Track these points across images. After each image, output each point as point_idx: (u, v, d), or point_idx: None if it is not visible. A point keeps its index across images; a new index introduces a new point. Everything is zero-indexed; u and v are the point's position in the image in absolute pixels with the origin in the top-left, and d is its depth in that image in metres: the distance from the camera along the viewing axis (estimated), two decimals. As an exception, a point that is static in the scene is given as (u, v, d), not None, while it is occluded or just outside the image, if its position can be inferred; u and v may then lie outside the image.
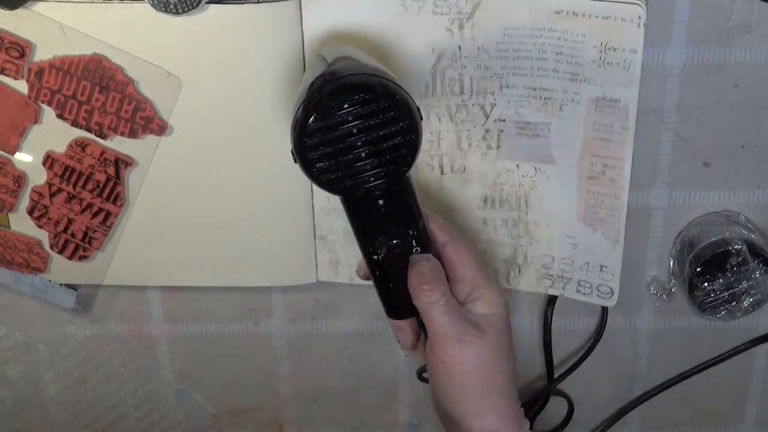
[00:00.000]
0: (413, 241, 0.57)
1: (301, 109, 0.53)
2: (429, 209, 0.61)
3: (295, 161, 0.54)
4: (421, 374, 0.75)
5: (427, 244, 0.59)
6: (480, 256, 0.59)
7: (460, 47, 0.64)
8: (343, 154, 0.53)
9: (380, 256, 0.58)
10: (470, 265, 0.59)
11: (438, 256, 0.60)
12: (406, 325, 0.61)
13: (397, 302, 0.59)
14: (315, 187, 0.68)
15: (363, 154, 0.53)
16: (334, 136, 0.52)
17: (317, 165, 0.53)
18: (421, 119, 0.53)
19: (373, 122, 0.52)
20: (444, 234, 0.60)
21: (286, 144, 0.68)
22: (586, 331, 0.76)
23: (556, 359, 0.77)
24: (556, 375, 0.77)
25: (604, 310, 0.73)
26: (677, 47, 0.65)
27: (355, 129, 0.52)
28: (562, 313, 0.75)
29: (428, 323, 0.58)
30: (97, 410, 0.81)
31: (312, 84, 0.53)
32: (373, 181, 0.54)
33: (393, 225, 0.57)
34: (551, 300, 0.74)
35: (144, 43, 0.65)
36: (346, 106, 0.52)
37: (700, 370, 0.76)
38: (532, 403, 0.78)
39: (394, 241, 0.57)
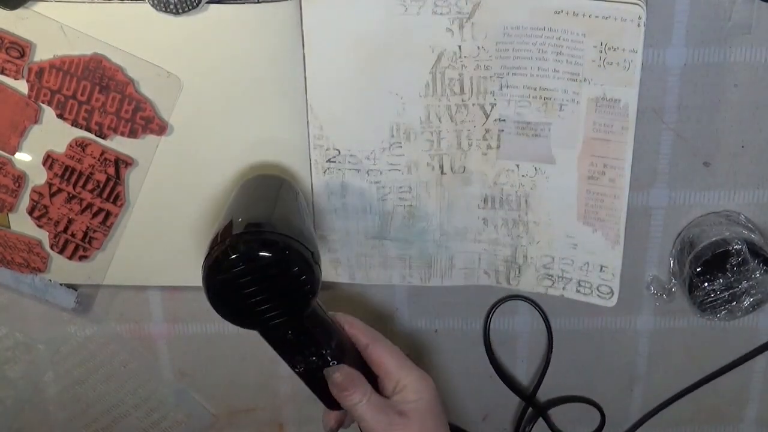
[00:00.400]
0: (328, 357, 0.62)
1: (206, 262, 0.57)
2: (369, 331, 0.66)
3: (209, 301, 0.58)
4: None
5: (345, 353, 0.64)
6: (399, 350, 0.66)
7: (460, 47, 0.64)
8: (246, 299, 0.57)
9: (300, 370, 0.63)
10: (392, 360, 0.65)
11: (362, 357, 0.65)
12: (331, 413, 0.67)
13: (328, 399, 0.64)
14: (315, 187, 0.69)
15: (262, 300, 0.57)
16: (235, 286, 0.57)
17: (223, 308, 0.58)
18: (317, 263, 0.58)
19: (270, 273, 0.57)
20: (364, 337, 0.65)
21: (285, 144, 0.68)
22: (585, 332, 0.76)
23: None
24: (527, 383, 0.78)
25: (543, 314, 0.75)
26: (677, 47, 0.65)
27: (254, 280, 0.57)
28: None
29: (357, 421, 0.63)
30: (97, 410, 0.81)
31: (218, 238, 0.58)
32: (277, 320, 0.58)
33: (306, 348, 0.62)
34: (496, 303, 0.75)
35: (144, 43, 0.65)
36: (241, 264, 0.56)
37: (706, 380, 0.76)
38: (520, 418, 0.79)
39: (311, 358, 0.62)
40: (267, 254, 0.56)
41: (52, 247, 0.72)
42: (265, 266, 0.56)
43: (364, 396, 0.62)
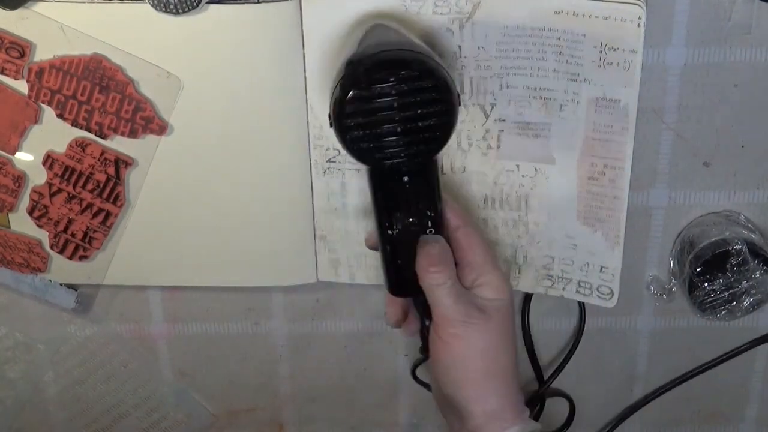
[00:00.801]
0: (428, 222, 0.58)
1: (344, 75, 0.53)
2: (460, 214, 0.62)
3: (331, 125, 0.54)
4: (415, 373, 0.76)
5: (442, 228, 0.60)
6: (489, 243, 0.61)
7: (460, 47, 0.64)
8: (378, 126, 0.54)
9: (394, 232, 0.59)
10: (479, 251, 0.60)
11: (449, 241, 0.60)
12: (397, 302, 0.63)
13: (401, 280, 0.60)
14: (315, 187, 0.69)
15: (397, 130, 0.54)
16: (371, 108, 0.53)
17: (351, 133, 0.54)
18: (460, 104, 0.54)
19: (411, 100, 0.53)
20: (457, 219, 0.61)
21: (285, 144, 0.68)
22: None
23: (545, 359, 0.77)
24: (545, 376, 0.77)
25: (582, 310, 0.74)
26: (677, 47, 0.65)
27: (394, 104, 0.53)
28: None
29: (433, 305, 0.59)
30: (97, 410, 0.81)
31: (357, 52, 0.54)
32: (403, 158, 0.55)
33: (413, 203, 0.58)
34: (527, 297, 0.74)
35: (144, 43, 0.65)
36: (390, 79, 0.53)
37: (700, 372, 0.76)
38: (529, 406, 0.79)
39: (411, 219, 0.58)
40: (415, 74, 0.53)
41: (52, 247, 0.72)
42: (410, 91, 0.52)
43: (449, 279, 0.58)
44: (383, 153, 0.55)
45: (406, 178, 0.57)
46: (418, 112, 0.53)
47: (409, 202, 0.58)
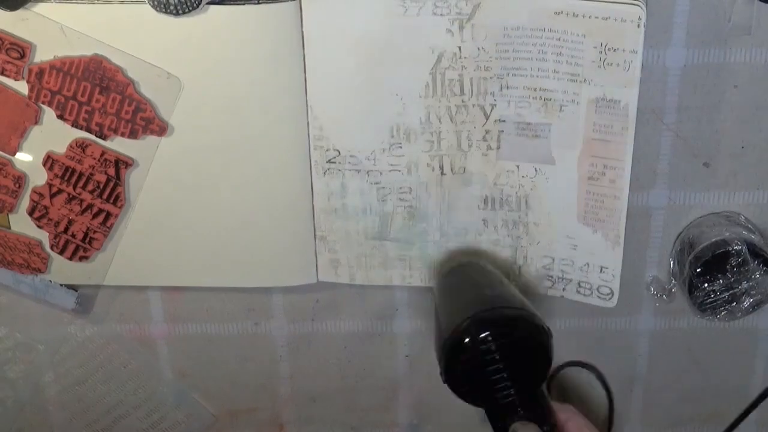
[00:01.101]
0: None
1: (452, 336, 0.60)
2: (564, 407, 0.64)
3: (444, 382, 0.61)
4: None
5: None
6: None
7: (460, 48, 0.64)
8: (486, 376, 0.60)
9: None
10: None
11: None
12: None
13: None
14: (315, 187, 0.69)
15: (503, 375, 0.60)
16: (478, 362, 0.59)
17: (464, 387, 0.60)
18: (551, 337, 0.60)
19: (512, 350, 0.59)
20: (563, 414, 0.63)
21: (285, 144, 0.68)
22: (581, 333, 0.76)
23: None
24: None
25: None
26: (677, 47, 0.65)
27: (497, 356, 0.59)
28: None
29: None
30: (98, 410, 0.81)
31: (465, 315, 0.61)
32: (509, 398, 0.60)
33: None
34: None
35: (144, 43, 0.65)
36: (490, 338, 0.59)
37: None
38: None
39: None
40: (514, 328, 0.60)
41: (52, 248, 0.72)
42: (510, 343, 0.59)
43: None
44: (495, 396, 0.60)
45: (520, 410, 0.61)
46: (518, 358, 0.60)
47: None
